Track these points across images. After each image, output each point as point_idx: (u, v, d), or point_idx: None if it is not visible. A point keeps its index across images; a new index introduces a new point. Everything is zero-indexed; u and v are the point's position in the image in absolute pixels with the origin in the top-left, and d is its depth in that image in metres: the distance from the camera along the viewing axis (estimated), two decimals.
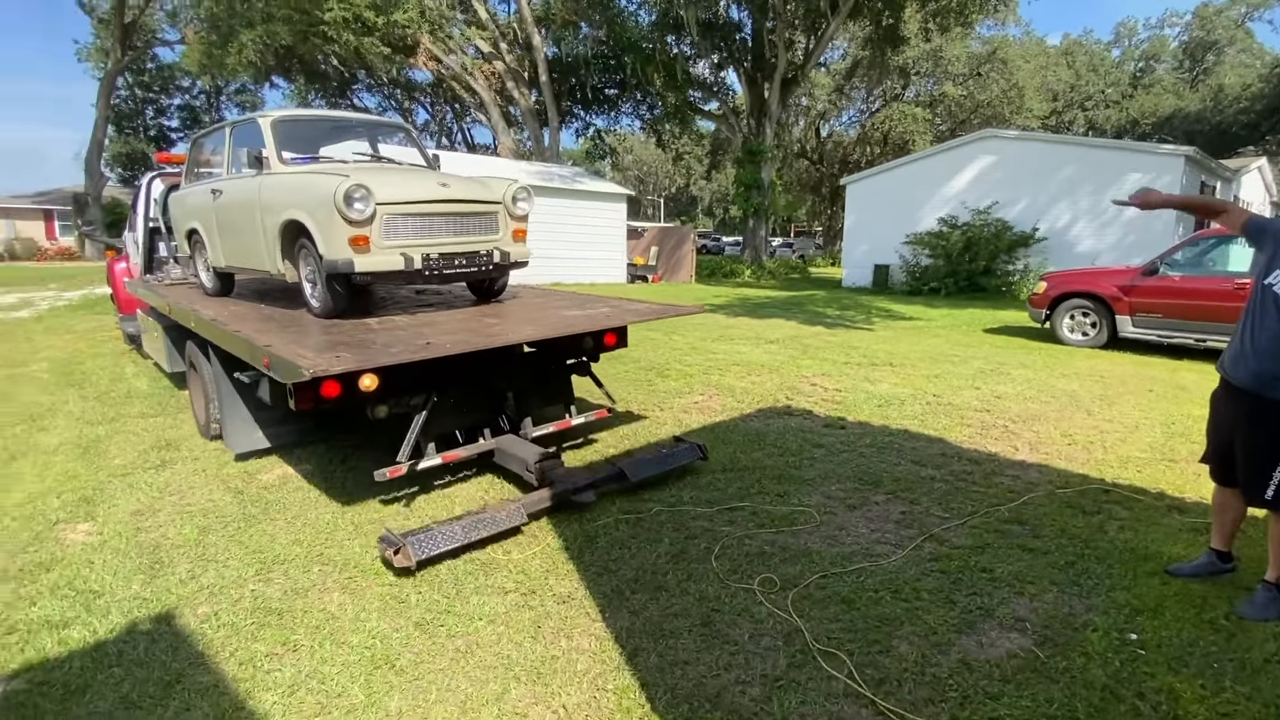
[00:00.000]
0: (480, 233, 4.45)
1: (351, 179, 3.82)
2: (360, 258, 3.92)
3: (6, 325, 10.82)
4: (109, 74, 29.66)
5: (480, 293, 5.26)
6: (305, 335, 3.77)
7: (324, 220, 3.91)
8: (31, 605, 2.99)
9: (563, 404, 4.75)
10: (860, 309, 14.31)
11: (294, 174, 4.45)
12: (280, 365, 3.07)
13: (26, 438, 5.32)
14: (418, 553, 3.05)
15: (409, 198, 4.09)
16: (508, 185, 4.64)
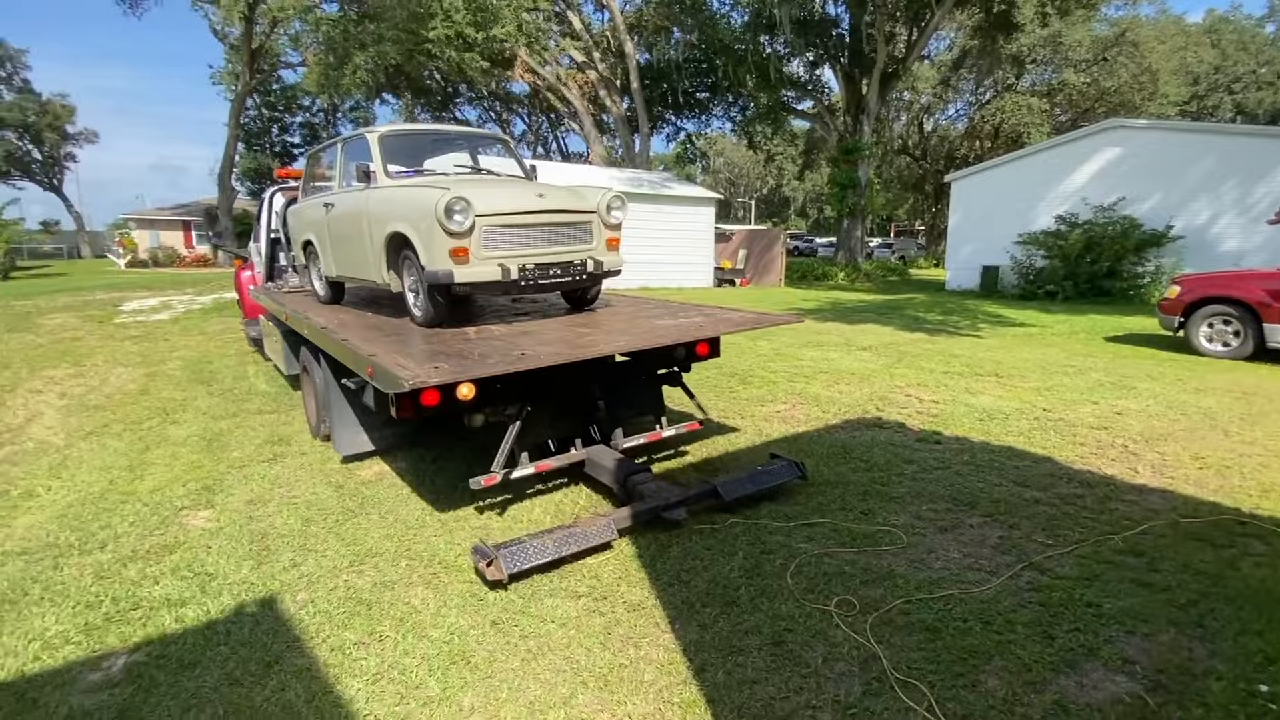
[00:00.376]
0: (575, 242, 4.49)
1: (452, 191, 3.91)
2: (460, 268, 4.01)
3: (148, 326, 12.11)
4: (239, 95, 32.60)
5: (574, 301, 5.27)
6: (407, 344, 3.88)
7: (426, 232, 4.04)
8: (155, 584, 3.32)
9: (653, 415, 4.68)
10: (965, 314, 13.51)
11: (398, 187, 4.59)
12: (382, 375, 3.14)
13: (160, 430, 5.92)
14: (509, 566, 3.08)
15: (507, 209, 4.16)
16: (602, 194, 4.64)
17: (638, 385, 4.64)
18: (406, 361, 3.27)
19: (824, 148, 35.57)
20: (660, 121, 32.91)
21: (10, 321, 12.41)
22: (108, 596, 3.20)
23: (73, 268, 34.79)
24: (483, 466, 3.84)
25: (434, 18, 19.89)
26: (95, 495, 4.47)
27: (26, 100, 44.60)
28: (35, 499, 4.45)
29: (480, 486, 3.72)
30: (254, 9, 26.14)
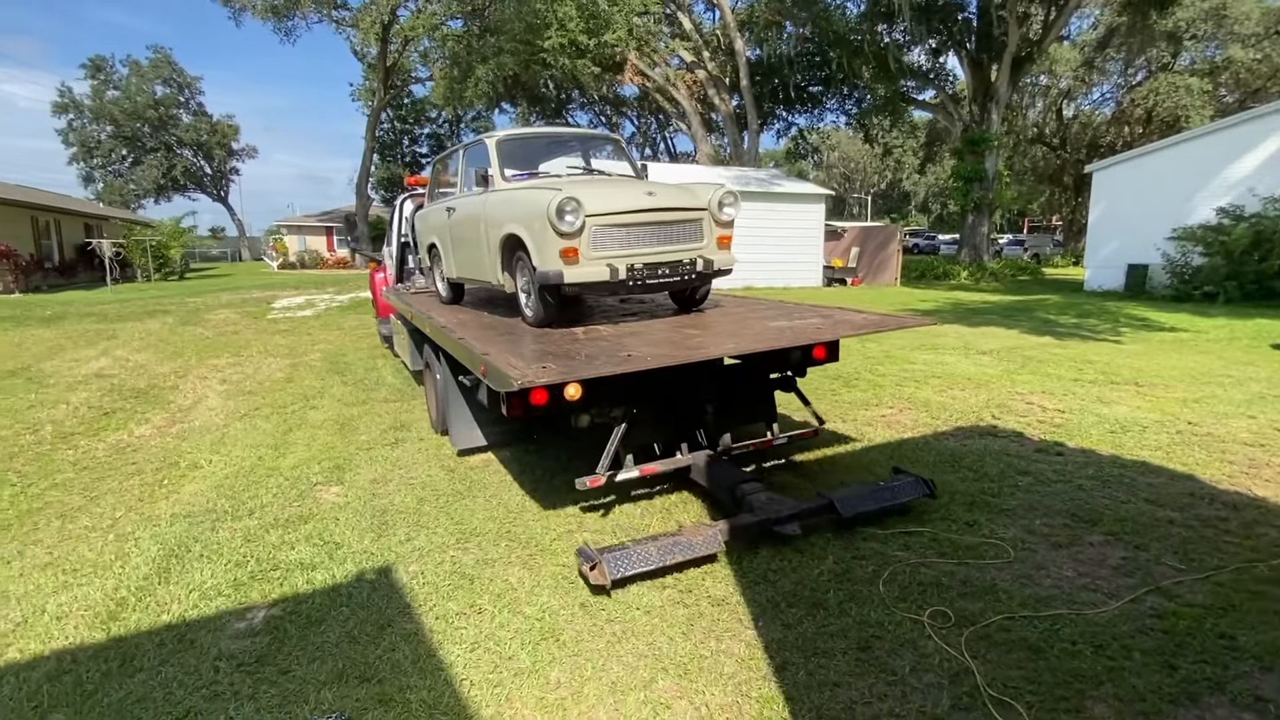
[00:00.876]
0: (685, 241, 4.41)
1: (564, 192, 3.94)
2: (569, 269, 4.03)
3: (294, 321, 13.45)
4: (375, 110, 35.46)
5: (682, 301, 5.18)
6: (518, 344, 3.95)
7: (538, 233, 4.11)
8: (291, 549, 3.73)
9: (764, 420, 4.53)
10: (1104, 316, 12.35)
11: (513, 190, 4.73)
12: (494, 374, 3.19)
13: (302, 414, 6.59)
14: (613, 571, 3.03)
15: (616, 208, 4.14)
16: (713, 191, 4.53)
17: (749, 389, 4.49)
18: (517, 361, 3.31)
19: (947, 139, 33.60)
20: (770, 117, 32.40)
21: (185, 316, 14.20)
22: (253, 557, 3.64)
23: (235, 269, 39.19)
24: (585, 464, 4.00)
25: (549, 28, 20.70)
26: (246, 469, 5.07)
27: (200, 122, 50.69)
28: (199, 470, 5.10)
29: (585, 487, 3.74)
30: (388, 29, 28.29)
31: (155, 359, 9.66)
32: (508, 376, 2.96)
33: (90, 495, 4.64)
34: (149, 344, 10.91)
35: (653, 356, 3.34)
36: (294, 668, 2.69)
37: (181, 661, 2.76)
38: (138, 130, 47.98)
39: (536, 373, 3.02)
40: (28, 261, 22.58)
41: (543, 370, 3.06)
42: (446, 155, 6.42)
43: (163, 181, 49.37)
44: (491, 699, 2.47)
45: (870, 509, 3.67)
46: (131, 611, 3.15)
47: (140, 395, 7.53)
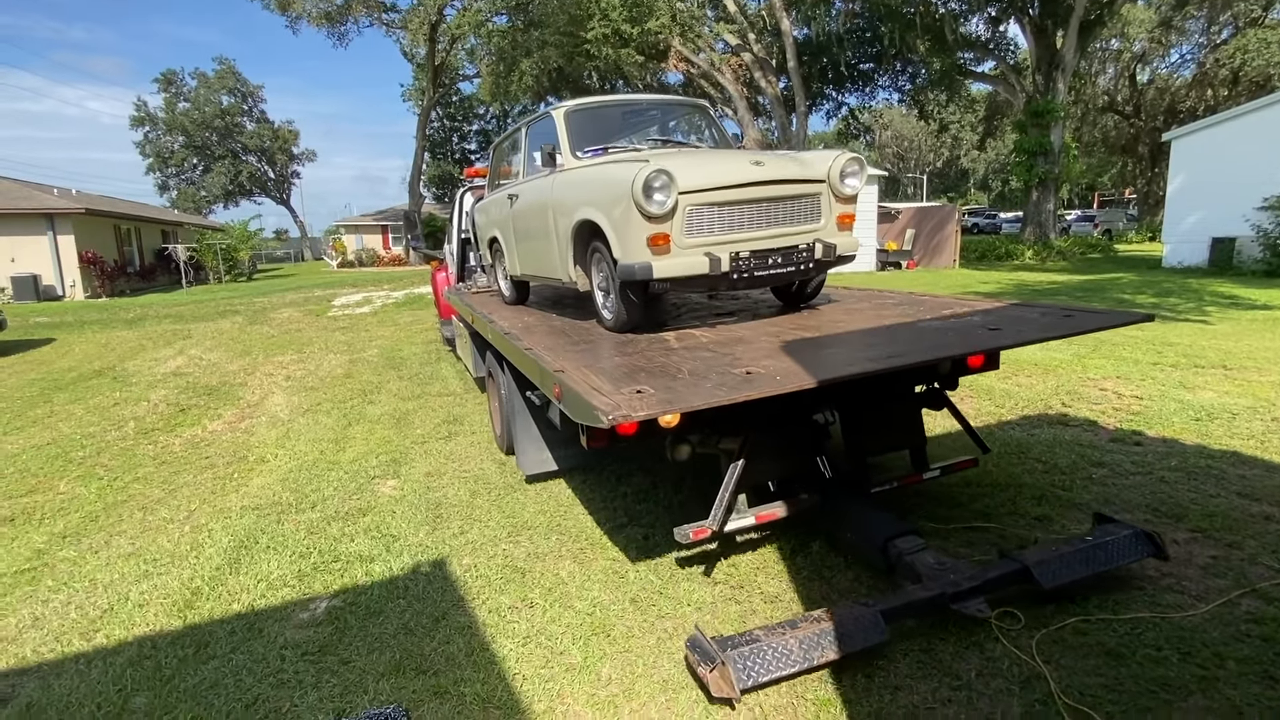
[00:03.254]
0: (799, 221, 3.64)
1: (651, 165, 3.24)
2: (659, 260, 3.33)
3: (353, 319, 13.90)
4: (425, 109, 36.19)
5: (789, 296, 4.37)
6: (598, 356, 3.26)
7: (619, 218, 3.39)
8: (351, 541, 3.83)
9: (910, 448, 3.57)
10: (1186, 295, 11.60)
11: (587, 167, 3.99)
12: (573, 401, 2.52)
13: (360, 409, 6.79)
14: (743, 677, 2.27)
15: (716, 182, 3.39)
16: (833, 159, 3.72)
17: (890, 409, 3.52)
18: (601, 382, 2.62)
19: (1009, 112, 32.07)
20: (819, 98, 31.58)
21: (252, 316, 14.85)
22: (315, 549, 3.76)
23: (298, 269, 40.81)
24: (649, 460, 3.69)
25: (592, 18, 20.67)
26: (309, 463, 5.25)
27: (263, 129, 52.89)
28: (266, 464, 5.31)
29: (688, 539, 2.96)
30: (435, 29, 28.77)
31: (226, 357, 10.13)
32: (593, 408, 2.27)
33: (168, 488, 4.88)
34: (220, 343, 11.45)
35: (785, 374, 2.56)
36: (354, 658, 2.76)
37: (250, 649, 2.86)
38: (206, 139, 50.43)
39: (631, 403, 2.31)
40: (112, 267, 24.05)
41: (638, 398, 2.38)
42: (508, 135, 5.58)
43: (230, 187, 51.80)
44: (543, 694, 2.48)
45: (1078, 576, 2.74)
46: (205, 600, 3.29)
47: (212, 392, 7.90)
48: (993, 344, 3.05)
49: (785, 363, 2.79)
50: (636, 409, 2.25)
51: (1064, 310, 3.46)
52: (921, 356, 2.80)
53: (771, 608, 2.92)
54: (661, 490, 4.24)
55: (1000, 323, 3.31)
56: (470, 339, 6.11)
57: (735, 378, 2.58)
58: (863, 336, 3.33)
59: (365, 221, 43.73)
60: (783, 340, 3.31)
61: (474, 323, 5.28)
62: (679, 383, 2.58)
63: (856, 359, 2.80)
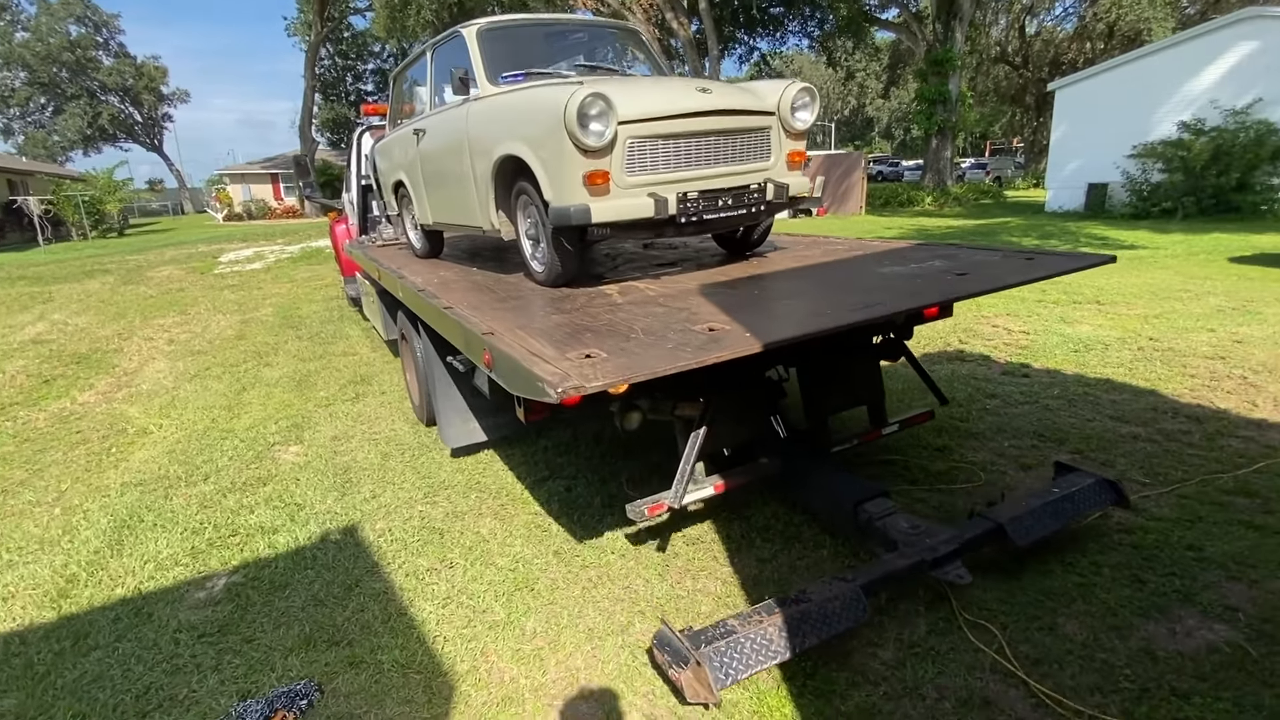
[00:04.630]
0: (749, 158, 3.26)
1: (585, 88, 2.78)
2: (598, 202, 2.88)
3: (243, 276, 12.89)
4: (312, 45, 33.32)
5: (733, 244, 4.07)
6: (532, 315, 2.83)
7: (550, 153, 2.92)
8: (250, 513, 3.58)
9: (868, 403, 3.38)
10: (1065, 237, 12.46)
11: (508, 94, 3.43)
12: (509, 369, 2.14)
13: (255, 372, 6.33)
14: (721, 676, 2.02)
15: (660, 111, 2.96)
16: (785, 87, 3.31)
17: (849, 363, 3.31)
18: (542, 345, 2.24)
19: (910, 60, 32.96)
20: (731, 42, 31.31)
21: (126, 275, 13.49)
22: (210, 524, 3.49)
23: (177, 223, 37.35)
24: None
25: None
26: (199, 432, 4.86)
27: (124, 64, 47.22)
28: (149, 435, 4.87)
29: (643, 518, 2.71)
30: None
31: (96, 321, 9.17)
32: (536, 378, 1.90)
33: (33, 468, 4.40)
34: (89, 306, 10.36)
35: (754, 331, 2.24)
36: (259, 635, 2.59)
37: (139, 636, 2.64)
38: (55, 75, 44.58)
39: (583, 370, 1.93)
40: None
41: (588, 363, 2.00)
42: (410, 62, 4.80)
43: (89, 131, 46.36)
44: (466, 654, 2.42)
45: (1051, 530, 2.66)
46: (83, 588, 3.00)
47: (82, 360, 7.15)
48: (968, 290, 2.82)
49: (751, 317, 2.48)
50: (590, 378, 1.85)
51: (1025, 254, 3.37)
52: (903, 304, 2.57)
53: (693, 550, 2.96)
54: (583, 442, 4.19)
55: (965, 268, 3.15)
56: (378, 298, 5.55)
57: (699, 336, 2.25)
58: (826, 286, 3.10)
59: (252, 170, 40.22)
60: (739, 292, 3.02)
61: (382, 280, 4.71)
62: (633, 344, 2.21)
63: (833, 310, 2.51)
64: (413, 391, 4.84)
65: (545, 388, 1.84)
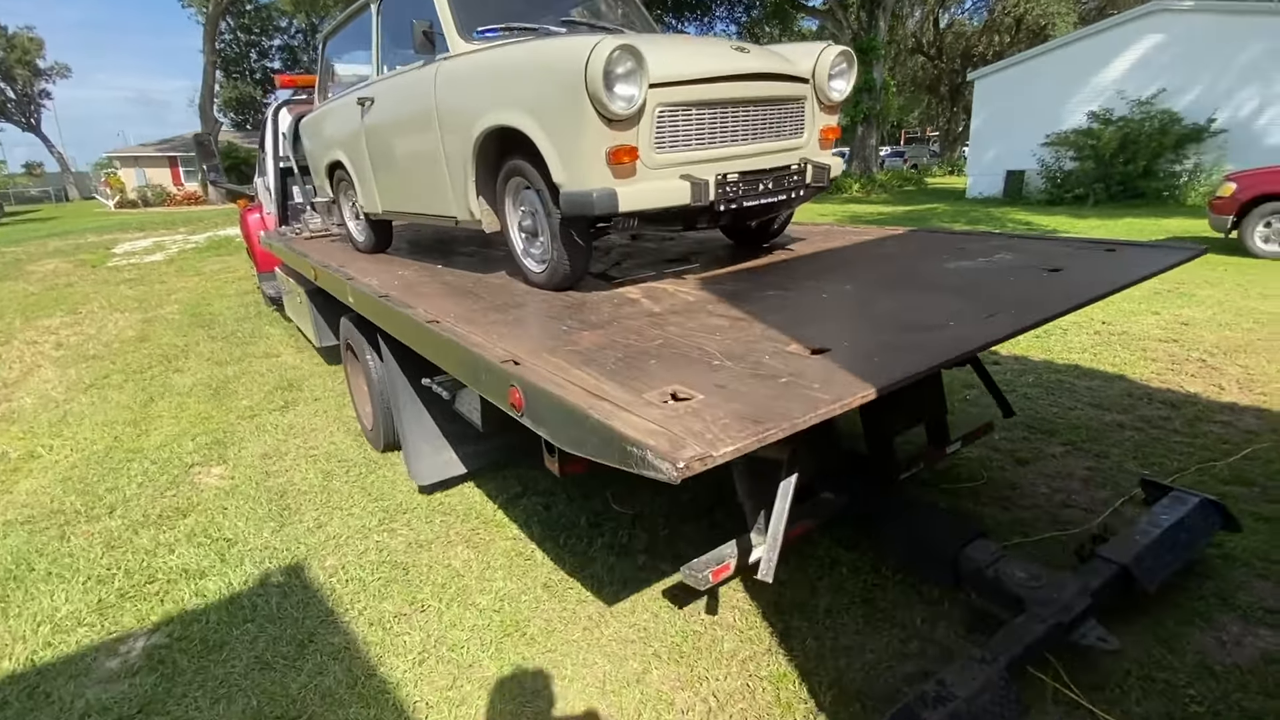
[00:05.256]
0: (785, 134, 2.79)
1: (611, 40, 2.21)
2: (626, 185, 2.34)
3: (143, 269, 11.65)
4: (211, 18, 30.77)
5: (746, 234, 3.54)
6: (551, 332, 2.21)
7: (564, 122, 2.33)
8: (170, 553, 3.04)
9: (931, 420, 2.82)
10: (992, 223, 12.87)
11: (494, 50, 2.74)
12: (562, 419, 1.57)
13: (163, 379, 5.59)
14: None
15: (697, 73, 2.42)
16: (820, 51, 2.83)
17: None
18: (604, 384, 1.64)
19: None
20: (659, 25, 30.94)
21: (1, 270, 11.97)
22: (120, 569, 2.94)
23: (61, 211, 33.94)
24: None
25: None
26: (99, 454, 4.18)
27: None
28: (36, 460, 4.16)
29: (707, 583, 2.11)
30: None
31: None
32: (629, 442, 1.32)
33: None
34: None
35: (882, 354, 1.76)
36: (193, 714, 2.13)
37: None
38: None
39: (688, 425, 1.36)
40: None
41: (687, 412, 1.44)
42: (347, 19, 4.05)
43: None
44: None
45: (1174, 568, 2.31)
46: None
47: None
48: (1091, 294, 2.23)
49: (848, 331, 1.98)
50: (712, 439, 1.28)
51: (1105, 245, 2.92)
52: (1034, 316, 2.01)
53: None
54: None
55: (1050, 260, 2.71)
56: (308, 299, 4.85)
57: (805, 361, 1.73)
58: (904, 286, 2.55)
59: (148, 152, 36.86)
60: (800, 295, 2.48)
61: (319, 280, 3.99)
62: (725, 375, 1.66)
63: (947, 318, 2.02)
64: (364, 414, 4.10)
65: (651, 459, 1.25)
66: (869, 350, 1.81)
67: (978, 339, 1.85)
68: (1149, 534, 2.34)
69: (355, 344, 3.80)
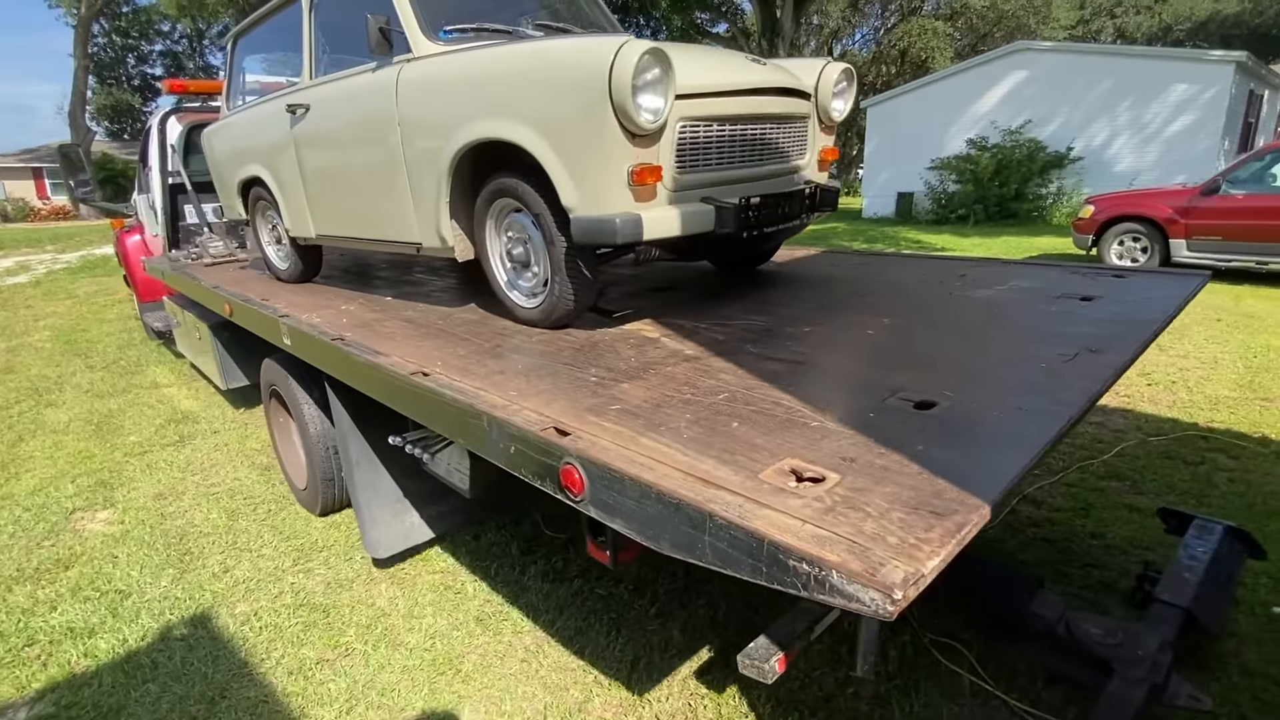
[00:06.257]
0: (792, 154, 2.67)
1: (639, 43, 1.96)
2: (648, 210, 2.10)
3: (4, 292, 10.50)
4: (83, 19, 28.32)
5: (734, 262, 3.38)
6: (581, 383, 1.85)
7: (578, 134, 2.04)
8: (52, 610, 2.75)
9: None
10: (887, 240, 13.75)
11: (478, 51, 2.40)
12: (661, 522, 1.23)
13: (34, 415, 5.05)
14: None
15: (719, 85, 2.26)
16: (823, 67, 2.73)
17: None
18: (698, 460, 1.34)
19: None
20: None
21: None
22: None
23: None
24: None
25: None
26: None
27: None
28: None
29: (775, 674, 1.51)
30: None
31: None
32: (810, 560, 0.99)
33: None
34: None
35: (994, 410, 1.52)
36: None
37: None
38: None
39: (859, 527, 1.07)
40: None
41: (838, 500, 1.16)
42: (266, 14, 3.59)
43: None
44: None
45: (1226, 605, 2.31)
46: None
47: None
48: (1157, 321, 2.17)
49: (941, 378, 1.74)
50: (914, 549, 0.99)
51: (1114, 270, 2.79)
52: (1136, 344, 1.95)
53: (639, 598, 2.67)
54: None
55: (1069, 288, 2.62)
56: (209, 333, 4.31)
57: (922, 419, 1.48)
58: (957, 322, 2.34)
59: (7, 163, 33.21)
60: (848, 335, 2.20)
61: (234, 315, 3.45)
62: (837, 441, 1.39)
63: (1050, 360, 1.81)
64: (293, 472, 3.59)
65: (842, 584, 0.96)
66: (983, 402, 1.56)
67: (1095, 381, 1.63)
68: (1195, 571, 2.23)
69: (285, 392, 3.27)
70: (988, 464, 1.27)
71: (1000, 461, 1.27)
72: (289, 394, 3.22)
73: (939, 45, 33.36)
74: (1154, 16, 43.73)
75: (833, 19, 38.71)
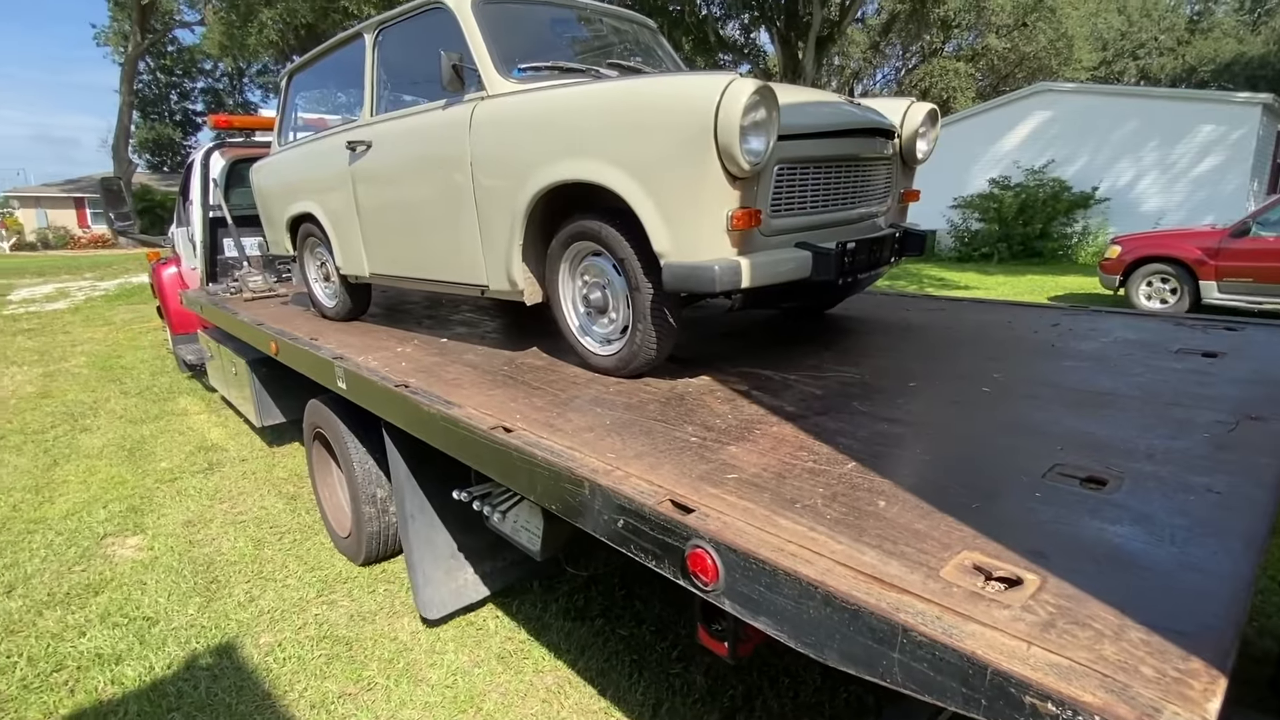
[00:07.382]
0: (880, 196, 2.61)
1: (747, 81, 1.88)
2: (748, 256, 1.99)
3: (43, 318, 10.85)
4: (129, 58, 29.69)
5: (797, 307, 3.28)
6: (670, 445, 1.70)
7: (675, 176, 1.96)
8: (81, 635, 2.79)
9: None
10: (910, 278, 13.70)
11: (559, 90, 2.32)
12: (875, 638, 0.99)
13: (69, 440, 5.18)
14: None
15: (819, 125, 2.22)
16: (908, 106, 2.67)
17: None
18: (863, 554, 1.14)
19: None
20: None
21: None
22: (22, 656, 2.66)
23: None
24: None
25: None
26: None
27: None
28: None
29: None
30: None
31: None
32: (1076, 708, 0.81)
33: None
34: None
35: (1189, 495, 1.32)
36: None
37: None
38: None
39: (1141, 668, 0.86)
40: None
41: (1042, 609, 0.98)
42: (327, 50, 3.57)
43: None
44: None
45: None
46: None
47: None
48: None
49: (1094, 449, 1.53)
50: (1173, 686, 0.83)
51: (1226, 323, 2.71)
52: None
53: (660, 640, 2.65)
54: None
55: (1179, 341, 2.48)
56: (247, 369, 4.28)
57: (1100, 502, 1.28)
58: (1070, 378, 2.10)
59: (51, 192, 34.64)
60: (964, 391, 2.03)
61: (280, 354, 3.39)
62: (1024, 531, 1.20)
63: (1208, 424, 1.67)
64: (335, 518, 3.45)
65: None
66: (1160, 480, 1.36)
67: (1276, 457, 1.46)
68: None
69: (332, 436, 3.15)
70: (1209, 564, 1.06)
71: (1223, 562, 1.07)
72: (336, 439, 3.12)
73: (960, 86, 33.70)
74: (1178, 58, 43.87)
75: (854, 60, 39.33)
